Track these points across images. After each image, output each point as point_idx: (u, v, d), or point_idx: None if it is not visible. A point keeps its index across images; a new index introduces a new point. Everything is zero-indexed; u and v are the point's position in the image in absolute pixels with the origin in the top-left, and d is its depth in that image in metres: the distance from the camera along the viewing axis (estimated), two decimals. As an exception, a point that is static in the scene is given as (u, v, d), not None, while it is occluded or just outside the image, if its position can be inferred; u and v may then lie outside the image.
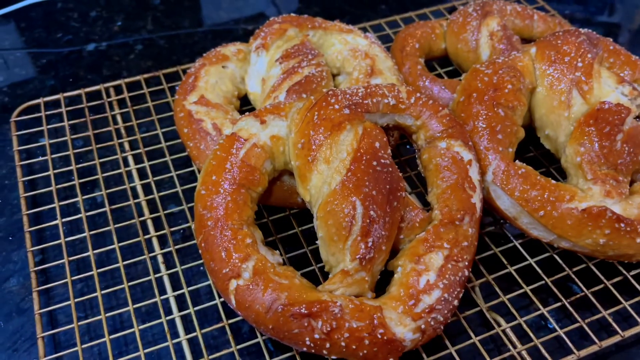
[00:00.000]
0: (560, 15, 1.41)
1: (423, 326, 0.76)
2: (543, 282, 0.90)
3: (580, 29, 1.03)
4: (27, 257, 0.91)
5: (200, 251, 0.81)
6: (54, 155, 1.07)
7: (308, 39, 1.13)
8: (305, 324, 0.74)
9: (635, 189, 0.92)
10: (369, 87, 0.91)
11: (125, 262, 0.91)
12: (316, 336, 0.74)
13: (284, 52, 1.08)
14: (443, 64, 1.28)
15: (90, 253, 0.91)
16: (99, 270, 0.89)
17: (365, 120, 0.88)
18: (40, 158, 1.08)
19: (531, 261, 0.92)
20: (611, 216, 0.85)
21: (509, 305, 0.86)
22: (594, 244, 0.86)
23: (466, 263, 0.81)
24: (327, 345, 0.75)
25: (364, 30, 1.35)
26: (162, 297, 0.86)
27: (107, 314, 0.84)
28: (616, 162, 0.89)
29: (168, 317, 0.84)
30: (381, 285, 0.82)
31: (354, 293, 0.79)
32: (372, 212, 0.78)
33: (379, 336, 0.74)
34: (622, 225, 0.84)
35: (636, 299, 0.88)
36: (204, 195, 0.82)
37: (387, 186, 0.80)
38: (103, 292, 0.87)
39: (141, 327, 0.84)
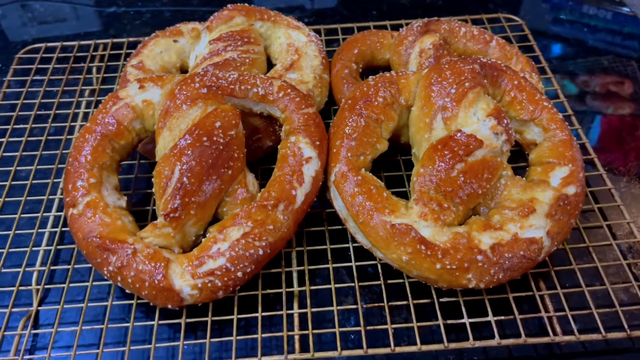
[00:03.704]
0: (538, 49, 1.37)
1: (200, 285, 0.87)
2: (353, 284, 0.95)
3: (483, 60, 1.04)
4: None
5: (62, 179, 0.99)
6: (30, 89, 1.31)
7: (252, 29, 1.25)
8: (105, 256, 0.89)
9: (469, 220, 0.93)
10: (243, 75, 1.01)
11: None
12: (111, 268, 0.89)
13: (219, 35, 1.21)
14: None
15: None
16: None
17: (226, 103, 0.99)
18: (15, 89, 1.32)
19: (353, 264, 0.97)
20: (414, 236, 0.88)
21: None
22: (399, 260, 0.90)
23: (264, 244, 0.89)
24: (119, 278, 0.89)
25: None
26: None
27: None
28: (447, 189, 0.91)
29: (38, 230, 1.03)
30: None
31: (160, 244, 0.91)
32: (185, 179, 0.90)
33: (157, 282, 0.86)
34: (424, 247, 0.87)
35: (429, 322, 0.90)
36: (78, 137, 0.99)
37: (210, 160, 0.91)
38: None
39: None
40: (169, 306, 0.88)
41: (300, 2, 1.64)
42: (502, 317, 0.90)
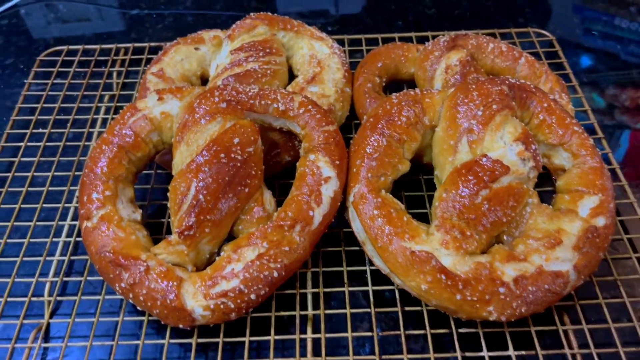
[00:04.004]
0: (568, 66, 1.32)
1: (212, 306, 0.85)
2: (369, 309, 0.92)
3: (512, 80, 1.00)
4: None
5: (78, 190, 0.98)
6: (51, 92, 1.30)
7: (274, 39, 1.22)
8: (117, 272, 0.87)
9: (492, 249, 0.90)
10: (264, 89, 0.99)
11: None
12: (123, 285, 0.87)
13: (240, 45, 1.19)
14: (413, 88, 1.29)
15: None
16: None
17: (245, 118, 0.96)
18: (35, 92, 1.32)
19: (370, 288, 0.95)
20: (435, 265, 0.85)
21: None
22: (418, 288, 0.87)
23: (279, 266, 0.87)
24: (131, 295, 0.87)
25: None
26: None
27: None
28: (471, 217, 0.88)
29: (52, 239, 1.03)
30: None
31: (174, 261, 0.90)
32: (201, 197, 0.88)
33: (169, 301, 0.85)
34: (444, 277, 0.84)
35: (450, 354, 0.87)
36: (94, 148, 0.98)
37: (227, 178, 0.89)
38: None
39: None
40: (180, 326, 0.86)
41: (325, 7, 1.61)
42: (523, 352, 0.87)
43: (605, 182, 0.94)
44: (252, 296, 0.86)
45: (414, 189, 1.09)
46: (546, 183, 1.09)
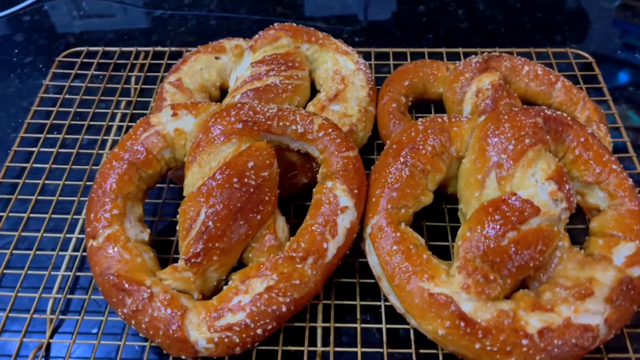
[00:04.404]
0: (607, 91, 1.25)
1: (216, 339, 0.81)
2: (382, 350, 0.87)
3: (547, 111, 0.94)
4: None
5: (87, 207, 0.94)
6: (67, 96, 1.27)
7: (298, 51, 1.17)
8: (120, 297, 0.84)
9: (516, 295, 0.84)
10: (283, 110, 0.94)
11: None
12: (125, 310, 0.84)
13: (262, 57, 1.14)
14: (440, 109, 1.23)
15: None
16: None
17: (262, 139, 0.92)
18: (52, 95, 1.29)
19: (384, 325, 0.90)
20: (454, 310, 0.79)
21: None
22: (435, 333, 0.82)
23: (288, 300, 0.83)
24: (133, 322, 0.84)
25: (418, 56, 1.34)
26: (64, 235, 1.02)
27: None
28: (495, 260, 0.82)
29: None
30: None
31: (180, 288, 0.86)
32: (210, 223, 0.83)
33: (171, 332, 0.81)
34: (463, 324, 0.79)
35: (465, 406, 0.82)
36: (105, 163, 0.94)
37: (238, 204, 0.84)
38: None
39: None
40: (183, 357, 0.83)
41: (354, 11, 1.56)
42: (545, 408, 0.81)
43: (644, 227, 0.88)
44: (259, 331, 0.82)
45: (437, 218, 1.03)
46: (576, 219, 1.02)
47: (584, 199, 0.95)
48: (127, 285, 0.83)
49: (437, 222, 1.03)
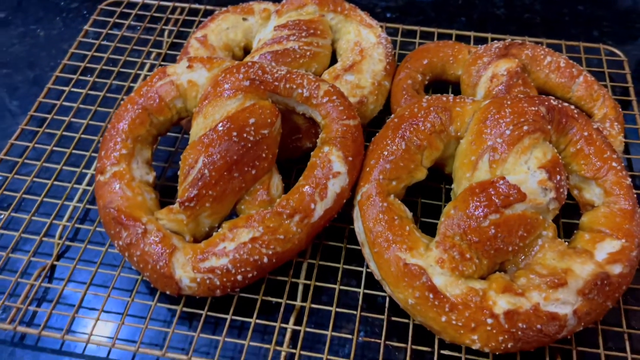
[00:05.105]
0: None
1: (199, 280, 0.86)
2: (355, 312, 0.91)
3: (553, 101, 0.93)
4: None
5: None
6: (103, 42, 1.34)
7: (322, 20, 1.20)
8: (117, 230, 0.90)
9: (491, 277, 0.85)
10: (292, 72, 0.97)
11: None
12: (121, 243, 0.90)
13: (285, 22, 1.17)
14: (459, 91, 1.23)
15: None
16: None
17: (267, 99, 0.95)
18: (89, 40, 1.36)
19: (362, 290, 0.93)
20: (425, 282, 0.82)
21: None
22: (405, 301, 0.85)
23: (270, 252, 0.87)
24: (127, 254, 0.90)
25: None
26: (81, 170, 1.09)
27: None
28: (474, 239, 0.83)
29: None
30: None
31: (173, 229, 0.91)
32: (206, 171, 0.88)
33: (159, 267, 0.87)
34: (432, 296, 0.81)
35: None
36: (121, 106, 1.00)
37: (235, 157, 0.89)
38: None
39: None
40: (168, 292, 0.88)
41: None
42: (503, 388, 0.83)
43: (634, 227, 0.87)
44: (239, 277, 0.87)
45: (433, 197, 1.05)
46: (576, 215, 1.01)
47: (580, 193, 0.95)
48: (124, 220, 0.89)
49: (433, 201, 1.04)
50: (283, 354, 0.86)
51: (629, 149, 1.14)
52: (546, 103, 0.93)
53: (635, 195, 0.90)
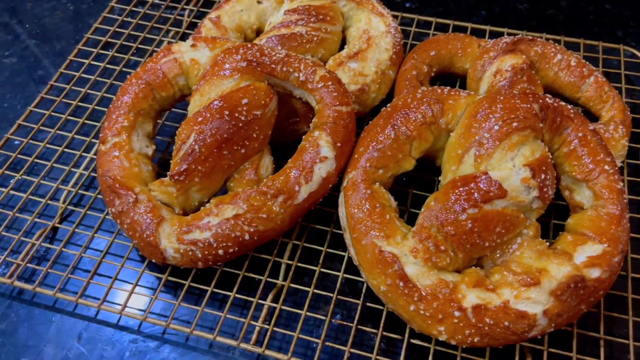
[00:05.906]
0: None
1: (182, 251, 0.90)
2: (332, 295, 0.93)
3: (549, 100, 0.92)
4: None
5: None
6: (126, 18, 1.39)
7: (333, 6, 1.20)
8: (112, 198, 0.95)
9: (465, 271, 0.86)
10: (290, 56, 0.99)
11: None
12: (114, 210, 0.94)
13: (296, 6, 1.18)
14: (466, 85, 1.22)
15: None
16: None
17: (264, 81, 0.97)
18: (113, 15, 1.41)
19: (341, 274, 0.95)
20: (397, 270, 0.83)
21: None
22: (378, 288, 0.86)
23: (252, 230, 0.89)
24: (118, 221, 0.94)
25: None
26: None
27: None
28: (450, 232, 0.84)
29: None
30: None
31: (164, 200, 0.95)
32: (196, 147, 0.91)
33: (145, 236, 0.91)
34: (402, 284, 0.82)
35: None
36: (127, 80, 1.04)
37: (225, 135, 0.91)
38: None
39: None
40: (153, 260, 0.93)
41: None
42: (469, 381, 0.83)
43: (619, 233, 0.85)
44: (220, 251, 0.90)
45: (425, 189, 1.05)
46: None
47: (571, 195, 0.93)
48: (118, 188, 0.94)
49: (424, 192, 1.05)
50: (257, 328, 0.89)
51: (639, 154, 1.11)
52: (540, 101, 0.91)
53: (625, 200, 0.88)
